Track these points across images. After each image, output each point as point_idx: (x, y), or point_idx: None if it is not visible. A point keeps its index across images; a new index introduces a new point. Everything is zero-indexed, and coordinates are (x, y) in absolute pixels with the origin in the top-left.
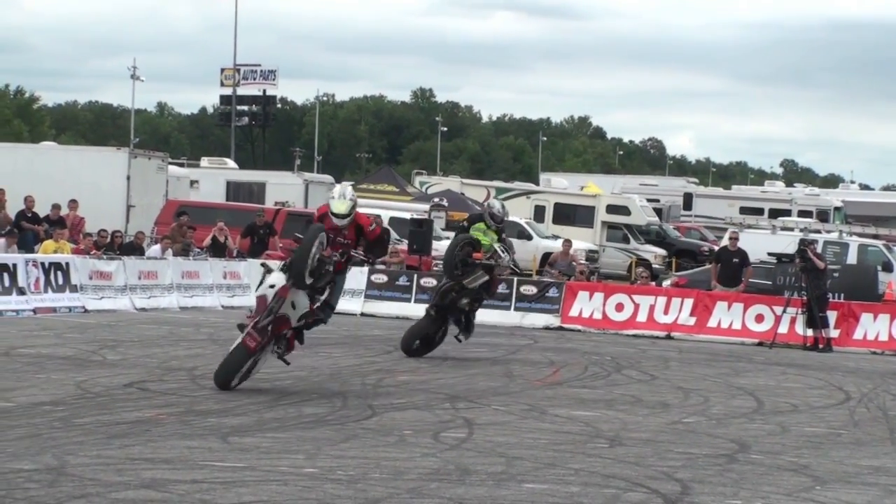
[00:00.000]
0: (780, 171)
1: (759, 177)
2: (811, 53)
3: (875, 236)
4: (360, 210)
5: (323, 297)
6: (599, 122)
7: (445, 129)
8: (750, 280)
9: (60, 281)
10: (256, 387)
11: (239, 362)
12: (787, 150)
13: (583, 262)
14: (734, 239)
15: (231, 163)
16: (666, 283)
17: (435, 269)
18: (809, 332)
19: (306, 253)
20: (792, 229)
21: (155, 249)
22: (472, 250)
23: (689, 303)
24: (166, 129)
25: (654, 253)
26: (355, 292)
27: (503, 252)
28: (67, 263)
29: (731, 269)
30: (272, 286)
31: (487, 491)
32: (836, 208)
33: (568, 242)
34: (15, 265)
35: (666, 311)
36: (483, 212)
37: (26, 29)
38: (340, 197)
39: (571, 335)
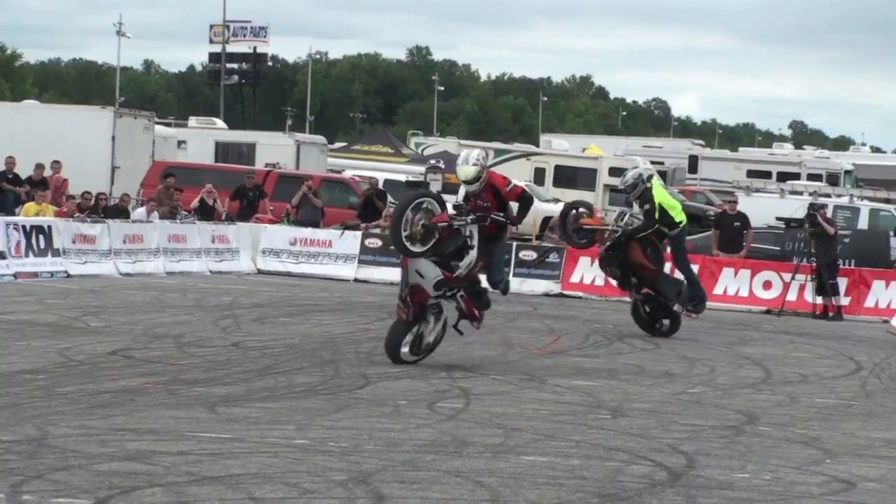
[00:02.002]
0: (788, 133)
1: (767, 139)
2: (822, 12)
3: (887, 200)
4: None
5: (462, 263)
6: (602, 82)
7: (442, 88)
8: (758, 246)
9: (42, 245)
10: (245, 355)
11: (397, 334)
12: (797, 112)
13: None
14: (733, 202)
15: (220, 123)
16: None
17: None
18: (819, 300)
19: (396, 220)
20: (801, 193)
21: (140, 212)
22: (581, 215)
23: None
24: (153, 88)
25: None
26: (349, 257)
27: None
28: (50, 227)
29: (732, 233)
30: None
31: (485, 463)
32: (847, 171)
33: None
34: None
35: None
36: None
37: None
38: (463, 162)
39: (572, 302)
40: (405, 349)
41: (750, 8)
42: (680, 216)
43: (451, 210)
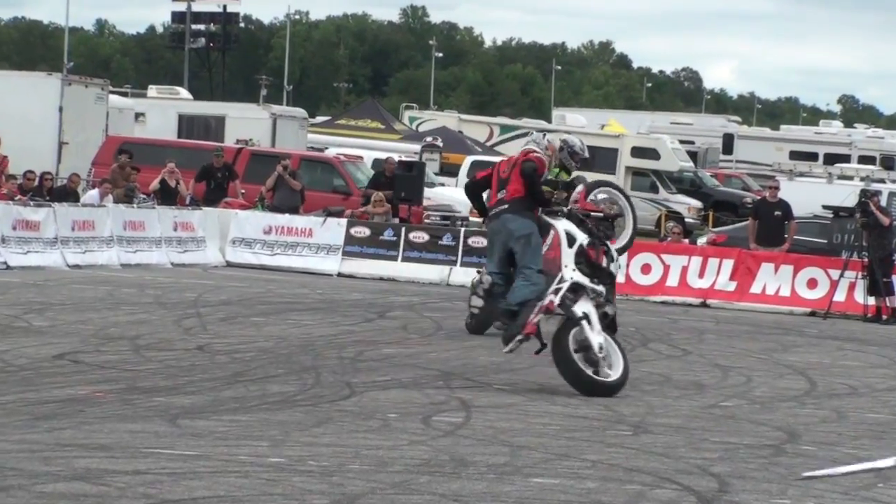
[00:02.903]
0: (837, 109)
1: (813, 116)
2: None
3: None
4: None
5: None
6: (624, 49)
7: (440, 54)
8: (802, 238)
9: None
10: (212, 360)
11: None
12: (847, 85)
13: None
14: (774, 188)
15: (184, 92)
16: (701, 241)
17: (426, 221)
18: (871, 301)
19: None
20: (851, 178)
21: (92, 195)
22: None
23: (728, 264)
24: (107, 52)
25: (687, 205)
26: (332, 248)
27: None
28: None
29: (772, 224)
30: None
31: (488, 486)
32: None
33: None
34: None
35: (701, 275)
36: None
37: None
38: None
39: None
40: None
41: None
42: None
43: None
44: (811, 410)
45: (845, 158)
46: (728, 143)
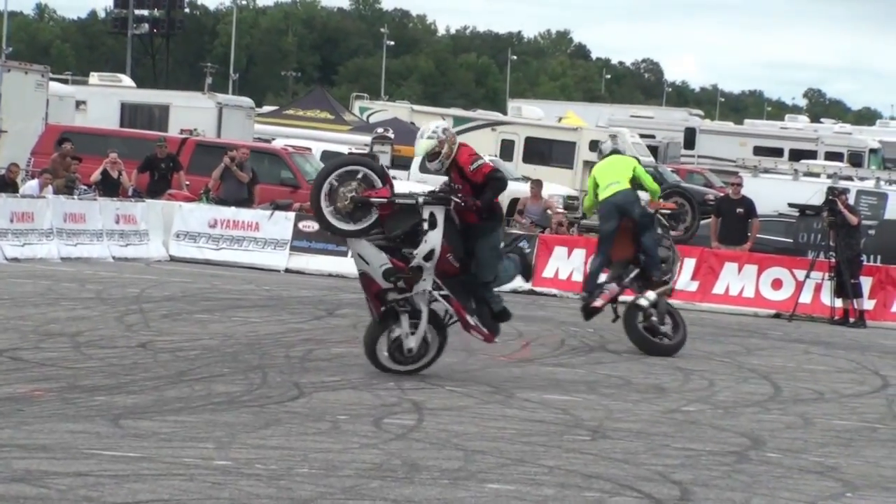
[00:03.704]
0: (803, 103)
1: (779, 110)
2: None
3: None
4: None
5: (417, 251)
6: (582, 39)
7: (392, 43)
8: (766, 237)
9: None
10: (155, 358)
11: (370, 334)
12: (814, 79)
13: (560, 210)
14: (737, 185)
15: (127, 80)
16: None
17: None
18: (838, 303)
19: (316, 188)
20: (818, 175)
21: (31, 186)
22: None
23: (689, 263)
24: (47, 37)
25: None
26: (279, 243)
27: None
28: None
29: (735, 222)
30: None
31: (440, 492)
32: (873, 150)
33: (537, 184)
34: None
35: None
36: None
37: None
38: (420, 136)
39: (545, 301)
40: (384, 353)
41: None
42: None
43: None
44: (776, 416)
45: (812, 154)
46: (690, 137)
